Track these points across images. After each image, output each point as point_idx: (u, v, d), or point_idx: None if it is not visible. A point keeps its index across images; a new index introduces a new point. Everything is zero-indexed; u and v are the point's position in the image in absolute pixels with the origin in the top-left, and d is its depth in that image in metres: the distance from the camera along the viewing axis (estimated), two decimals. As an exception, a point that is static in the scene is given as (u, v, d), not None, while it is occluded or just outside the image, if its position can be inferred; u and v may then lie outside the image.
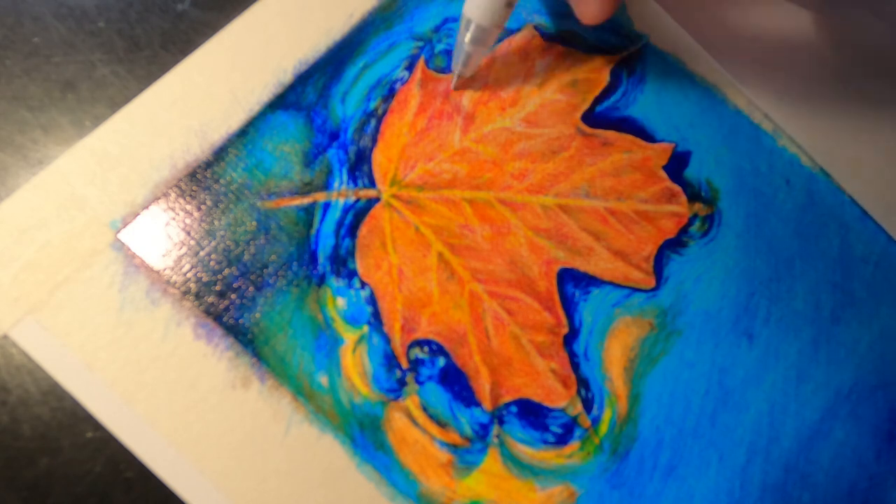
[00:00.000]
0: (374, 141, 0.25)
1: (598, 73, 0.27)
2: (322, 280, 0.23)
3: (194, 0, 0.26)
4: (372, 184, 0.25)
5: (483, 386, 0.23)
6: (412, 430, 0.23)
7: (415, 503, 0.22)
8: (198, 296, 0.23)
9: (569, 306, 0.24)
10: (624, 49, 0.27)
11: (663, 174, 0.26)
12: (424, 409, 0.23)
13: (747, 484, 0.24)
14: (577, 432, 0.23)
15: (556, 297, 0.24)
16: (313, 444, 0.22)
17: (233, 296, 0.23)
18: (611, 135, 0.26)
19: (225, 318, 0.22)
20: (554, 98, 0.26)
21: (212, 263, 0.23)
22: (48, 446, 0.21)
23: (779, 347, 0.25)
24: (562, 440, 0.23)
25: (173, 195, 0.23)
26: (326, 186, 0.24)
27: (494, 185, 0.25)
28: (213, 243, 0.23)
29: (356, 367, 0.23)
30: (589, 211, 0.25)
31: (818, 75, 0.28)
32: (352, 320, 0.23)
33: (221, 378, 0.22)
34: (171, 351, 0.22)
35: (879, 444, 0.25)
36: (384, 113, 0.25)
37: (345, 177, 0.24)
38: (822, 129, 0.27)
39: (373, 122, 0.25)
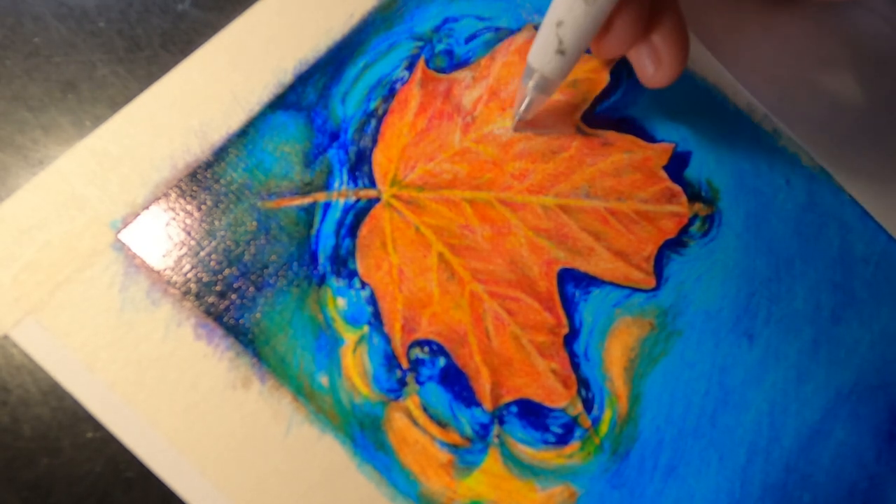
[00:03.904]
0: (375, 141, 0.25)
1: (598, 73, 0.27)
2: (322, 280, 0.23)
3: (194, 0, 0.26)
4: (372, 184, 0.25)
5: (483, 386, 0.23)
6: (412, 431, 0.23)
7: (415, 503, 0.22)
8: (198, 296, 0.23)
9: (569, 306, 0.24)
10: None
11: (663, 174, 0.26)
12: (425, 410, 0.23)
13: (747, 484, 0.24)
14: (578, 432, 0.23)
15: (557, 298, 0.24)
16: (314, 444, 0.22)
17: (233, 296, 0.23)
18: (611, 135, 0.26)
19: (225, 319, 0.22)
20: (554, 98, 0.26)
21: (212, 264, 0.23)
22: (48, 446, 0.21)
23: (779, 347, 0.25)
24: (562, 440, 0.23)
25: (173, 195, 0.23)
26: (327, 186, 0.24)
27: (495, 185, 0.25)
28: (214, 243, 0.23)
29: (356, 368, 0.23)
30: (589, 211, 0.25)
31: (818, 75, 0.28)
32: (352, 320, 0.23)
33: (222, 378, 0.22)
34: (171, 351, 0.22)
35: (880, 444, 0.25)
36: (384, 113, 0.25)
37: (345, 177, 0.24)
38: (822, 129, 0.27)
39: (373, 122, 0.25)
